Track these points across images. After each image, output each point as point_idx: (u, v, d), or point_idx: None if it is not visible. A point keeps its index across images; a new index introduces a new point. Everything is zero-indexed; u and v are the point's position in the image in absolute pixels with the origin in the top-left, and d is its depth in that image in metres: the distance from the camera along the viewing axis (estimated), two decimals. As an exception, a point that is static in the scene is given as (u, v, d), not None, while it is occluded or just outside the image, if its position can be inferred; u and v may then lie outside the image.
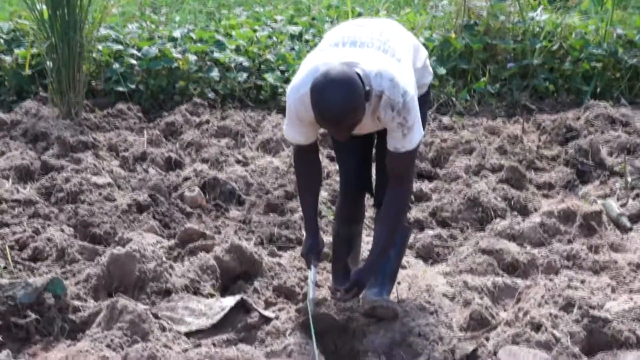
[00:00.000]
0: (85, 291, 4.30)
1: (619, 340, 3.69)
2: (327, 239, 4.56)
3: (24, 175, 6.14)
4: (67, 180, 5.81)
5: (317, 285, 4.22)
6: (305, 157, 3.92)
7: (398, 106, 3.52)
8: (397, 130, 3.58)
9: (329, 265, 4.60)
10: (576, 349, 3.60)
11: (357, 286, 3.82)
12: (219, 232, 5.35)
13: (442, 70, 8.60)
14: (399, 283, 4.30)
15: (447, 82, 8.72)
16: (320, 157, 4.41)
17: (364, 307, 3.97)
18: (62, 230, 5.03)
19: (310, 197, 3.97)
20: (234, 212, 5.81)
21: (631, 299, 4.03)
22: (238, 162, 6.75)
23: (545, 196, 6.25)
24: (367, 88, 3.45)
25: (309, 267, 4.03)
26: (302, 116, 3.66)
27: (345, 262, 4.28)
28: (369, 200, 4.38)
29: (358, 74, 3.46)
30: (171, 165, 6.65)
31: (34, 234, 4.98)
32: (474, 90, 8.69)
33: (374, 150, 4.18)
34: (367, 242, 4.67)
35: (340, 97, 3.33)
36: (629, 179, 6.14)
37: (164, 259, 4.55)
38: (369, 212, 4.91)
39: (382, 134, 3.75)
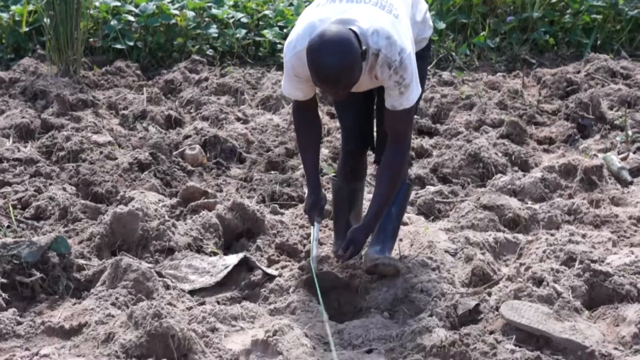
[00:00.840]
0: (89, 250, 4.32)
1: (620, 293, 3.71)
2: (330, 196, 4.53)
3: (24, 133, 6.13)
4: (67, 138, 5.80)
5: (320, 242, 4.23)
6: (305, 113, 3.92)
7: (395, 64, 3.50)
8: (394, 88, 3.57)
9: (331, 223, 4.60)
10: (577, 303, 3.62)
11: (354, 244, 3.80)
12: (221, 190, 5.35)
13: (441, 25, 8.54)
14: (400, 240, 4.31)
15: (447, 37, 8.66)
16: (320, 113, 4.43)
17: (365, 264, 3.96)
18: (64, 189, 5.04)
19: (311, 153, 3.95)
20: (235, 170, 5.81)
21: (632, 252, 4.05)
22: (238, 119, 6.72)
23: (546, 151, 6.25)
24: (364, 47, 3.41)
25: (312, 224, 4.01)
26: (299, 72, 3.65)
27: (347, 219, 4.24)
28: (370, 157, 4.37)
29: (354, 33, 3.42)
30: (171, 123, 6.63)
31: (36, 193, 4.99)
32: (474, 45, 8.64)
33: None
34: (368, 200, 4.61)
35: (336, 58, 3.31)
36: (630, 133, 6.13)
37: (167, 217, 4.57)
38: (371, 169, 4.92)
39: (382, 91, 3.71)
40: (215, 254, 4.43)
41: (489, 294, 3.87)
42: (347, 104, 4.01)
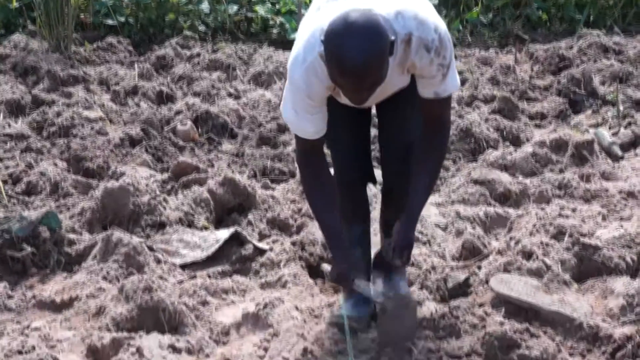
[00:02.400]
0: (80, 224, 4.32)
1: (609, 266, 3.72)
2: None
3: (14, 109, 6.11)
4: (58, 114, 5.80)
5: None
6: (314, 159, 3.18)
7: (434, 44, 2.89)
8: (438, 73, 2.96)
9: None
10: (567, 276, 3.63)
11: (408, 248, 3.22)
12: (212, 166, 5.35)
13: (434, 0, 8.51)
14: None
15: (440, 13, 8.61)
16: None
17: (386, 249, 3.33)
18: (55, 165, 5.03)
19: (334, 212, 3.21)
20: (227, 146, 5.81)
21: (621, 226, 4.05)
22: (230, 95, 6.71)
23: (538, 126, 6.25)
24: (392, 37, 2.76)
25: (347, 290, 3.38)
26: (314, 90, 2.96)
27: (367, 261, 3.59)
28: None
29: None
30: (163, 99, 6.62)
31: (27, 168, 4.99)
32: (467, 21, 8.63)
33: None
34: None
35: (366, 43, 2.67)
36: (621, 108, 6.14)
37: (158, 192, 4.57)
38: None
39: (387, 99, 3.16)
40: (206, 228, 4.43)
41: (479, 268, 3.88)
42: (340, 119, 3.25)
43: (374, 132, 3.95)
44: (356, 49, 2.66)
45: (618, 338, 3.15)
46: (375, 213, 3.79)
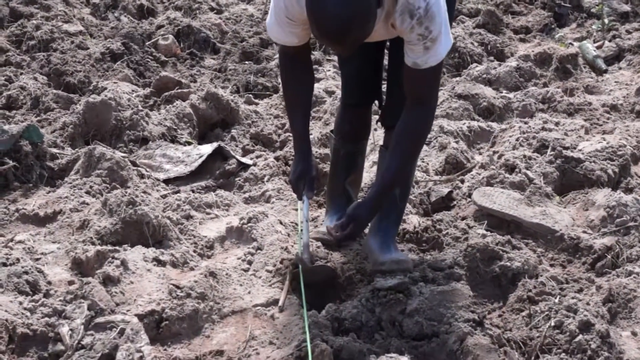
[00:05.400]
0: (62, 139, 4.29)
1: (591, 179, 3.75)
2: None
3: (-8, 22, 6.01)
4: (37, 27, 5.69)
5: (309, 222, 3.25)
6: (296, 61, 3.05)
7: (419, 13, 2.66)
8: (418, 43, 2.72)
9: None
10: (549, 189, 3.65)
11: (355, 223, 2.96)
12: (195, 81, 5.30)
13: None
14: (375, 129, 4.22)
15: None
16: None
17: (373, 268, 3.19)
18: (36, 79, 4.97)
19: (301, 110, 3.10)
20: (209, 61, 5.75)
21: (604, 139, 4.06)
22: (212, 9, 6.62)
23: (522, 40, 6.22)
24: None
25: (300, 199, 3.16)
26: (294, 15, 2.82)
27: (343, 185, 3.51)
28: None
29: None
30: (144, 13, 6.52)
31: (7, 83, 4.91)
32: None
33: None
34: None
35: (346, 6, 2.45)
36: (606, 21, 6.10)
37: (140, 107, 4.53)
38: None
39: (401, 40, 2.85)
40: (189, 143, 4.41)
41: (462, 182, 3.90)
42: None
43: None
44: (335, 12, 2.45)
45: (598, 249, 3.19)
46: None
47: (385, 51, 3.30)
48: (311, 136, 3.57)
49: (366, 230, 3.25)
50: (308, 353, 2.56)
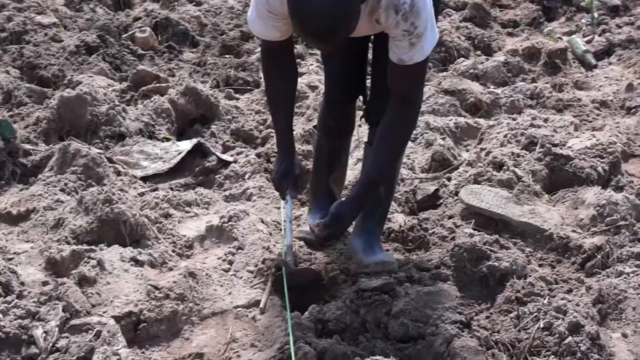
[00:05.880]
0: (36, 135, 4.20)
1: (580, 177, 3.71)
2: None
3: (-39, 14, 5.89)
4: (9, 19, 5.61)
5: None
6: (278, 56, 3.00)
7: (404, 8, 2.63)
8: (403, 38, 2.69)
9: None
10: (537, 187, 3.60)
11: (337, 222, 2.91)
12: (173, 75, 5.26)
13: None
14: (359, 126, 4.13)
15: None
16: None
17: (356, 269, 3.15)
18: (7, 72, 4.86)
19: (284, 108, 3.05)
20: (188, 54, 5.71)
21: (594, 136, 4.05)
22: (191, 1, 6.63)
23: (510, 34, 6.23)
24: None
25: (283, 198, 3.11)
26: (275, 9, 2.76)
27: (326, 183, 3.46)
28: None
29: None
30: (120, 4, 6.46)
31: (-22, 76, 4.82)
32: None
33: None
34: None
35: (328, 5, 2.40)
36: (596, 15, 6.10)
37: (117, 102, 4.44)
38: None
39: (385, 35, 2.83)
40: (168, 139, 4.34)
41: (449, 179, 3.84)
42: None
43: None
44: (317, 11, 2.40)
45: (588, 248, 3.15)
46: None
47: (370, 45, 3.19)
48: (294, 133, 3.49)
49: (350, 229, 3.17)
50: (291, 356, 2.52)
